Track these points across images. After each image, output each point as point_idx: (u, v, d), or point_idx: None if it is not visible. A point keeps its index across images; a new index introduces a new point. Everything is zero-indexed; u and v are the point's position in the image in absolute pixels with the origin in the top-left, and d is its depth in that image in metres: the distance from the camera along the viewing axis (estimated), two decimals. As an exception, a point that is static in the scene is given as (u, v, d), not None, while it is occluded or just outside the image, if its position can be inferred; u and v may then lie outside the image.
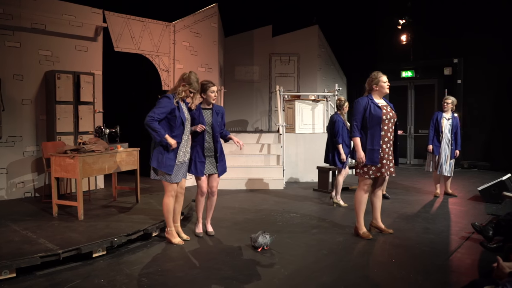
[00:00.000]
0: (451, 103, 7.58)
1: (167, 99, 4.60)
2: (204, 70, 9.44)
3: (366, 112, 4.95)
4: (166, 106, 4.56)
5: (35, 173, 7.13)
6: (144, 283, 3.74)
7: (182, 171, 4.85)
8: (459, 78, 11.98)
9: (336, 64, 13.78)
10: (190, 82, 4.66)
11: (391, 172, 5.07)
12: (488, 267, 3.64)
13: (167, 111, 4.57)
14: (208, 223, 5.35)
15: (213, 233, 5.26)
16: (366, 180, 5.06)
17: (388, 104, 5.12)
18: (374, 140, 4.93)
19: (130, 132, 8.18)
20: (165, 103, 4.58)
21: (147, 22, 8.41)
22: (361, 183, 5.12)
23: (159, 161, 4.61)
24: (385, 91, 5.06)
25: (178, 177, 4.78)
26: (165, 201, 4.79)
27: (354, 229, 5.27)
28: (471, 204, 7.05)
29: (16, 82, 6.85)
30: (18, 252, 4.01)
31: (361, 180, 5.11)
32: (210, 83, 5.03)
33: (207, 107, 5.07)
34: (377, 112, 4.92)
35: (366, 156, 4.94)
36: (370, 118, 4.93)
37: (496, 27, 11.07)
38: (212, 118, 5.03)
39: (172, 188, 4.76)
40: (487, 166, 11.49)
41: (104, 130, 6.56)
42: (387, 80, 5.07)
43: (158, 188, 7.76)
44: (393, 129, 5.06)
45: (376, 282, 3.83)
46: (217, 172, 5.10)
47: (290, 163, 9.62)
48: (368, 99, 5.01)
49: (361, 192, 5.13)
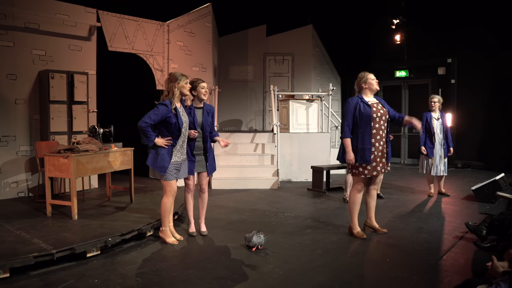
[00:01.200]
0: (437, 101, 7.59)
1: (164, 106, 4.62)
2: (198, 70, 9.43)
3: (356, 112, 4.97)
4: (161, 113, 4.59)
5: (28, 173, 7.09)
6: (138, 282, 3.73)
7: (183, 170, 4.89)
8: (453, 77, 12.04)
9: (330, 64, 13.80)
10: (177, 78, 4.69)
11: (386, 168, 5.11)
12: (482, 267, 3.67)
13: (161, 117, 4.60)
14: (202, 222, 5.35)
15: (206, 233, 5.26)
16: (360, 180, 5.08)
17: (379, 101, 5.13)
18: (364, 139, 4.93)
19: (124, 132, 8.15)
20: (161, 110, 4.60)
21: (141, 21, 8.39)
22: (354, 183, 5.14)
23: (154, 161, 4.66)
24: (375, 87, 5.09)
25: (178, 175, 4.81)
26: (164, 200, 4.79)
27: (348, 228, 5.28)
28: (464, 204, 7.08)
29: (9, 81, 6.81)
30: (12, 252, 3.99)
31: (354, 180, 5.13)
32: (200, 80, 5.14)
33: (199, 105, 5.12)
34: (366, 111, 4.94)
35: (358, 156, 4.94)
36: (360, 117, 4.95)
37: (490, 28, 11.12)
38: (202, 118, 5.09)
39: (171, 188, 4.76)
40: (481, 165, 11.55)
41: (98, 130, 6.53)
42: (374, 77, 5.12)
43: (152, 187, 7.75)
44: (386, 126, 5.07)
45: (370, 282, 3.84)
46: (207, 170, 5.17)
47: (284, 163, 9.63)
48: (358, 99, 5.04)
49: (354, 192, 5.14)
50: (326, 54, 13.61)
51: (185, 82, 4.74)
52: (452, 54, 11.99)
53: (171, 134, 4.70)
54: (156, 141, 4.62)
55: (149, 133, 4.57)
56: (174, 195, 4.83)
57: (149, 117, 4.56)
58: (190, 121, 4.94)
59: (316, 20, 13.13)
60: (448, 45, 11.93)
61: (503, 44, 10.95)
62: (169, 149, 4.68)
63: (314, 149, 9.79)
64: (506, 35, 10.88)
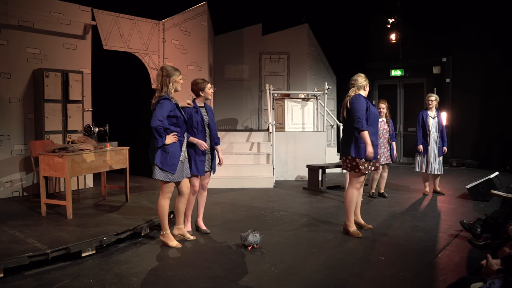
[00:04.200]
0: (434, 99, 7.61)
1: (167, 100, 4.45)
2: (193, 69, 9.41)
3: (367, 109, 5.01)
4: (168, 107, 4.43)
5: (23, 172, 7.06)
6: (134, 282, 3.72)
7: (185, 170, 4.73)
8: (448, 77, 12.10)
9: (326, 63, 13.81)
10: (171, 73, 4.53)
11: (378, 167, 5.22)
12: (476, 264, 3.68)
13: (169, 111, 4.44)
14: (201, 220, 5.35)
15: (208, 231, 5.26)
16: (360, 178, 5.09)
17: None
18: (373, 136, 4.98)
19: (119, 131, 8.13)
20: (167, 104, 4.43)
21: (136, 20, 8.37)
22: (354, 181, 5.12)
23: (163, 160, 4.47)
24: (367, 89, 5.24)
25: (181, 175, 4.65)
26: (160, 202, 4.63)
27: (344, 227, 5.28)
28: (459, 202, 7.11)
29: (3, 80, 6.77)
30: (6, 252, 3.97)
31: (355, 178, 5.10)
32: (206, 81, 5.10)
33: (201, 104, 5.10)
34: (375, 111, 5.06)
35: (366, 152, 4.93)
36: (370, 116, 4.99)
37: (485, 28, 11.17)
38: (208, 117, 5.09)
39: (169, 190, 4.62)
40: (475, 164, 11.60)
41: (93, 129, 6.52)
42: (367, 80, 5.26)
43: (147, 187, 7.73)
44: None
45: (365, 280, 3.85)
46: (212, 169, 5.20)
47: (280, 162, 9.63)
48: (365, 98, 5.08)
49: (353, 190, 5.13)
50: (322, 53, 13.62)
51: (180, 77, 4.60)
52: (447, 53, 12.05)
53: (178, 127, 4.56)
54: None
55: (163, 134, 4.39)
56: (170, 197, 4.70)
57: (160, 115, 4.35)
58: (199, 119, 4.93)
59: (311, 19, 13.13)
60: (443, 45, 11.98)
61: (497, 44, 11.00)
62: (178, 145, 4.55)
63: (309, 148, 9.80)
64: (500, 35, 10.95)
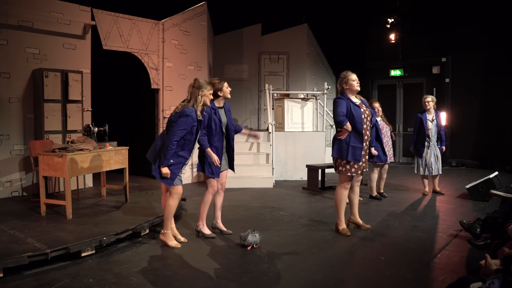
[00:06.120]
0: (431, 100, 7.58)
1: (189, 118, 4.46)
2: (193, 69, 9.41)
3: (348, 111, 5.00)
4: (187, 127, 4.46)
5: (22, 172, 7.06)
6: (133, 282, 3.73)
7: None
8: (447, 76, 12.09)
9: (325, 63, 13.81)
10: (203, 86, 4.58)
11: (365, 167, 5.19)
12: (476, 264, 3.68)
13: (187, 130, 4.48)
14: (220, 221, 5.37)
15: (230, 232, 5.27)
16: (348, 178, 5.12)
17: (362, 102, 5.20)
18: (356, 138, 4.98)
19: (119, 131, 8.12)
20: (186, 124, 4.45)
21: (136, 20, 8.37)
22: (342, 181, 5.17)
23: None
24: (355, 88, 5.10)
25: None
26: (169, 202, 4.69)
27: (335, 225, 5.32)
28: (459, 202, 7.11)
29: (3, 80, 6.77)
30: (5, 252, 3.97)
31: (342, 177, 5.16)
32: (222, 80, 5.11)
33: (220, 105, 5.10)
34: (357, 112, 5.00)
35: (349, 153, 4.97)
36: (351, 117, 4.98)
37: (484, 27, 11.18)
38: (226, 118, 5.09)
39: (177, 190, 4.68)
40: (475, 164, 11.60)
41: (92, 129, 6.51)
42: (356, 78, 5.13)
43: (147, 186, 7.71)
44: (370, 126, 5.16)
45: (365, 279, 3.85)
46: (229, 168, 5.27)
47: (279, 162, 9.63)
48: (345, 98, 5.05)
49: (341, 190, 5.19)
50: (321, 53, 13.62)
51: (210, 92, 4.66)
52: (447, 53, 12.04)
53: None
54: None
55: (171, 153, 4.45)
56: (180, 198, 4.79)
57: (177, 135, 4.42)
58: (217, 122, 4.92)
59: (311, 19, 13.13)
60: (443, 44, 11.98)
61: (496, 44, 11.00)
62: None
63: (309, 148, 9.80)
64: (499, 35, 10.94)
